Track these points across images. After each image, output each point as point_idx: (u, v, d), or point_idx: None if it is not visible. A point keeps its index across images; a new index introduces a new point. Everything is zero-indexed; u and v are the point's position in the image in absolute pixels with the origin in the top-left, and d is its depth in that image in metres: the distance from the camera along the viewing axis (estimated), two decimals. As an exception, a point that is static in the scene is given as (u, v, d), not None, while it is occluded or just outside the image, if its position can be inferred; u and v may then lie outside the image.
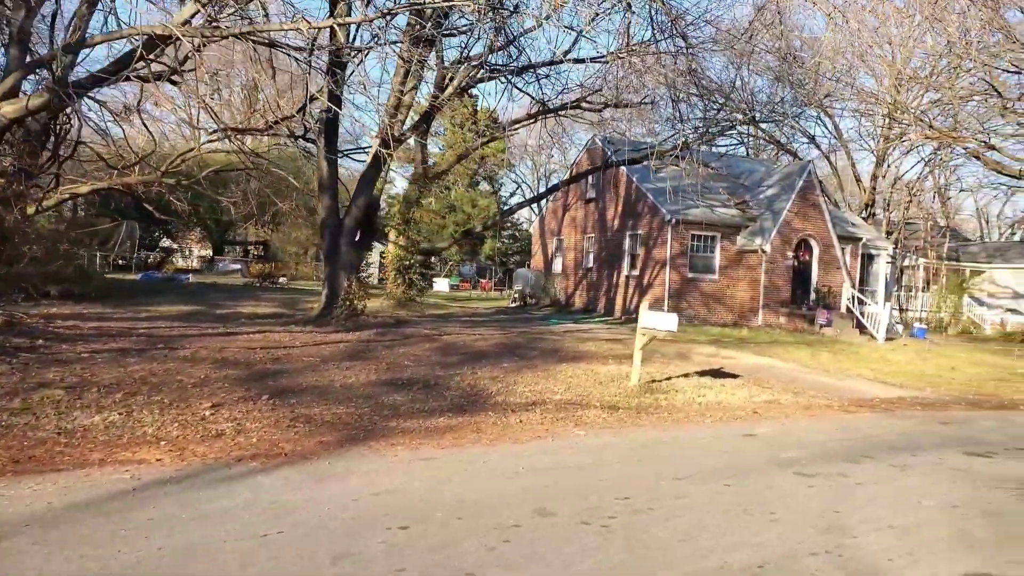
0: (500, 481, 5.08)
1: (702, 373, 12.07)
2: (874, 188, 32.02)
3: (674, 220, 22.35)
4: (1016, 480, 6.09)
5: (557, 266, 29.58)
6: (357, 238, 15.50)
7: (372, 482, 4.84)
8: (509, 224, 49.58)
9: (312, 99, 15.65)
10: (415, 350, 12.09)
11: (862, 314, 21.97)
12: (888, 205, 32.62)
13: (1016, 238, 43.42)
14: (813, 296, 23.12)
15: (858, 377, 13.60)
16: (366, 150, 16.74)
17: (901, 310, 32.34)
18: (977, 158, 26.01)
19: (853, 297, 22.53)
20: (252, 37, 9.30)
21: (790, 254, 22.75)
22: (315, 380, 8.77)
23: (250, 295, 23.19)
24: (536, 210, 36.28)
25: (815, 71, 20.94)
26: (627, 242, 24.84)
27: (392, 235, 22.46)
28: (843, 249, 24.44)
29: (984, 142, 23.85)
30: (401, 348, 12.13)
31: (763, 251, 22.33)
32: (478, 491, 4.80)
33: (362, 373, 9.52)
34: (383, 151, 13.88)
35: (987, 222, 45.05)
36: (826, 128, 33.43)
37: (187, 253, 54.73)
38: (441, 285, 40.84)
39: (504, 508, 4.46)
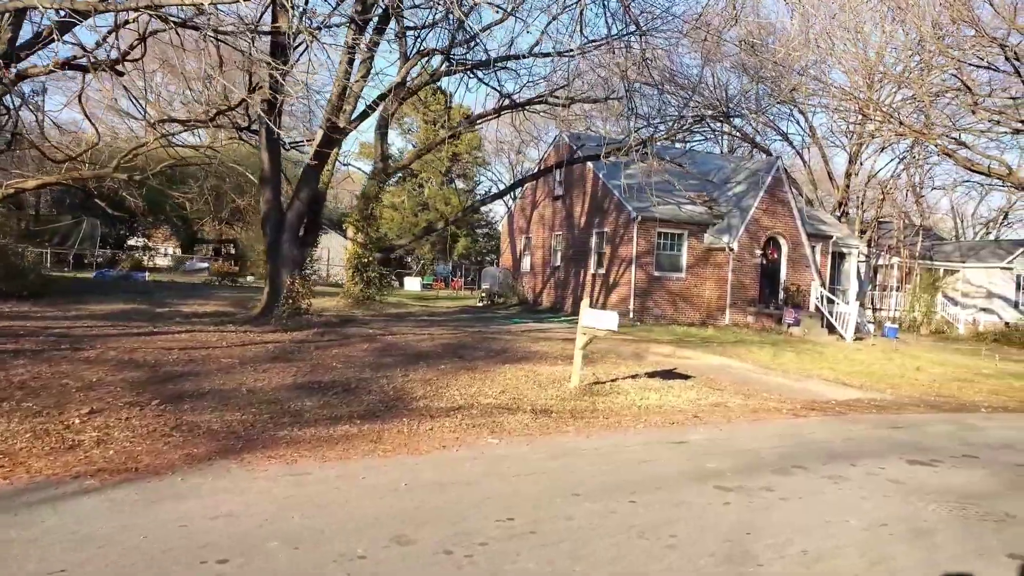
0: (369, 501, 4.48)
1: (653, 374, 11.54)
2: (847, 186, 31.74)
3: (639, 217, 21.87)
4: (956, 493, 5.57)
5: (526, 264, 29.02)
6: (301, 233, 14.82)
7: (215, 504, 4.22)
8: (484, 222, 49.00)
9: (256, 88, 15.01)
10: (350, 351, 11.45)
11: (831, 313, 21.58)
12: (862, 203, 32.35)
13: (991, 237, 43.45)
14: (782, 295, 22.71)
15: (818, 378, 13.13)
16: (311, 142, 16.05)
17: (874, 309, 32.10)
18: (948, 156, 25.74)
19: (822, 296, 22.14)
20: (159, 12, 8.60)
21: (758, 252, 22.33)
22: (223, 383, 8.11)
23: (203, 293, 22.41)
24: (507, 205, 35.68)
25: (779, 61, 20.52)
26: (594, 240, 24.32)
27: (350, 232, 21.76)
28: (813, 247, 24.07)
29: (954, 139, 23.56)
30: (336, 349, 11.48)
31: (730, 249, 21.89)
32: (336, 514, 4.20)
33: (279, 376, 8.88)
34: (320, 145, 13.21)
35: (962, 221, 45.06)
36: (799, 126, 33.08)
37: (155, 252, 53.62)
38: (413, 284, 40.15)
39: (357, 535, 3.85)
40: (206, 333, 12.02)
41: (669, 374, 11.84)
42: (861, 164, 31.56)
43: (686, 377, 11.70)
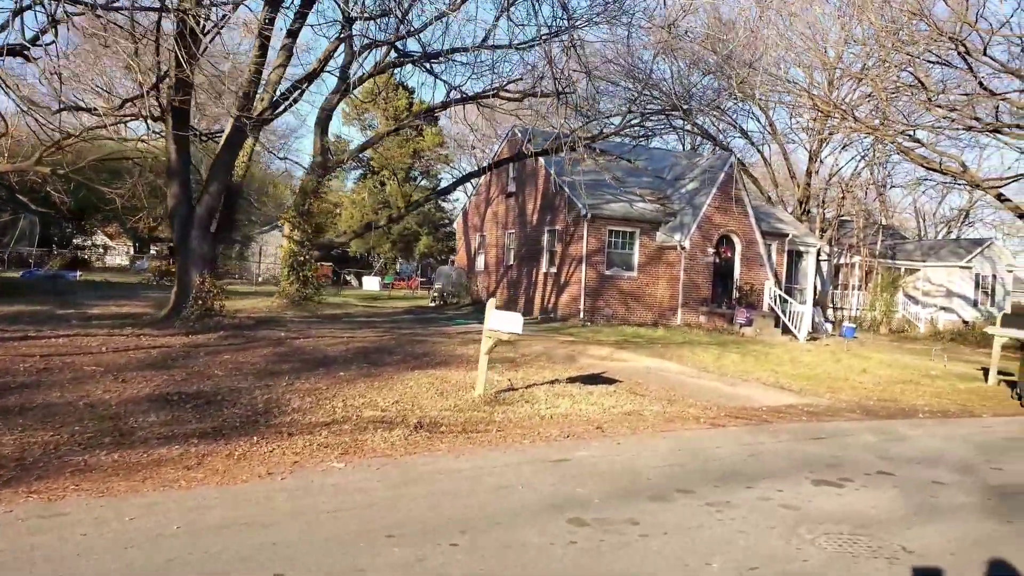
0: (112, 556, 3.61)
1: (577, 379, 10.77)
2: (808, 184, 31.32)
3: (589, 215, 21.14)
4: (854, 521, 4.85)
5: (480, 263, 28.20)
6: (213, 229, 13.85)
7: None
8: (447, 220, 48.09)
9: (163, 77, 14.00)
10: (246, 357, 10.55)
11: (784, 313, 21.03)
12: (823, 202, 31.97)
13: (952, 237, 43.45)
14: (735, 294, 22.12)
15: (756, 381, 12.47)
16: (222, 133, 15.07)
17: (835, 308, 31.74)
18: (904, 153, 25.38)
19: (775, 295, 21.58)
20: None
21: (710, 250, 21.72)
22: (61, 396, 7.18)
23: (131, 294, 21.30)
24: (463, 202, 34.78)
25: (731, 55, 19.92)
26: (545, 238, 23.57)
27: (286, 229, 20.80)
28: (769, 245, 23.53)
29: (909, 136, 23.16)
30: (229, 355, 10.56)
31: (682, 247, 21.25)
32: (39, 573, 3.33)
33: (140, 385, 7.96)
34: (230, 136, 12.27)
35: (924, 220, 45.06)
36: (759, 123, 32.65)
37: (111, 250, 52.03)
38: (371, 283, 39.13)
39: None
40: (92, 337, 11.03)
41: (595, 378, 11.10)
42: (822, 162, 31.18)
43: (612, 382, 10.96)
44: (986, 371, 14.72)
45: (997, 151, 38.56)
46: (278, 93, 14.64)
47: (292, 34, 14.62)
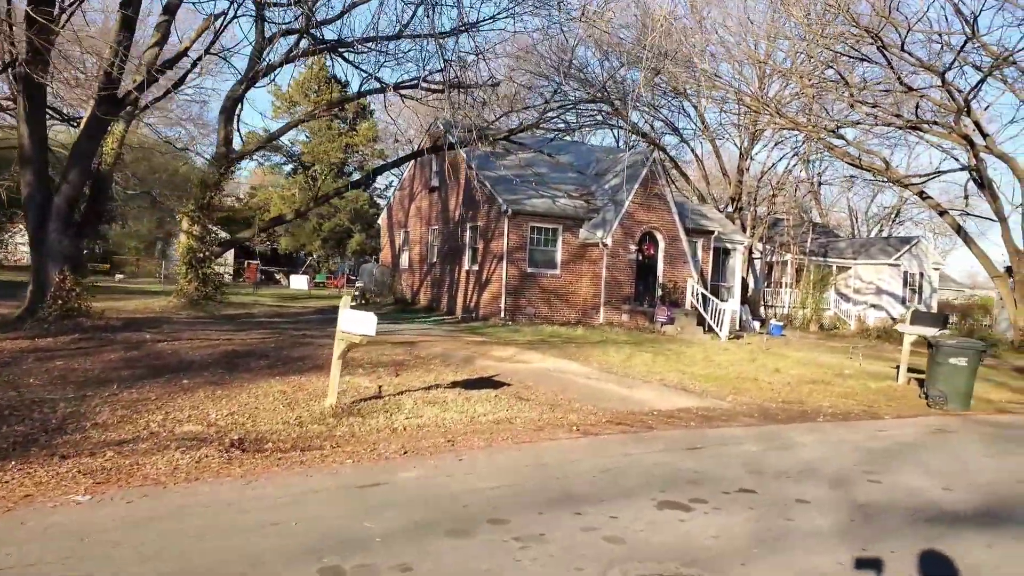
0: None
1: (461, 383, 9.92)
2: (740, 181, 31.18)
3: (510, 211, 20.37)
4: (683, 558, 4.10)
5: (404, 261, 27.19)
6: (76, 221, 12.57)
7: None
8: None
9: (13, 62, 12.63)
10: (84, 363, 9.40)
11: (707, 311, 20.60)
12: (755, 199, 31.87)
13: (884, 235, 44.16)
14: (659, 292, 21.64)
15: (659, 383, 11.84)
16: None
17: (766, 306, 31.70)
18: (829, 149, 25.32)
19: (697, 293, 21.15)
20: None
21: (633, 247, 21.17)
22: None
23: (11, 292, 19.62)
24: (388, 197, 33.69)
25: (652, 45, 19.37)
26: (467, 235, 22.72)
27: (184, 224, 19.44)
28: (694, 243, 23.15)
29: (833, 132, 23.04)
30: (64, 360, 9.40)
31: (604, 244, 20.64)
32: None
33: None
34: (90, 120, 11.05)
35: (856, 219, 45.69)
36: (689, 118, 32.41)
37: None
38: (299, 283, 37.66)
39: None
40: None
41: (484, 382, 10.28)
42: (752, 159, 31.08)
43: (501, 385, 10.16)
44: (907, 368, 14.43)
45: (926, 151, 39.17)
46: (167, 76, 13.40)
47: (169, 10, 13.43)
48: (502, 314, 20.52)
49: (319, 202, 24.05)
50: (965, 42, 17.06)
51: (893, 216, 44.19)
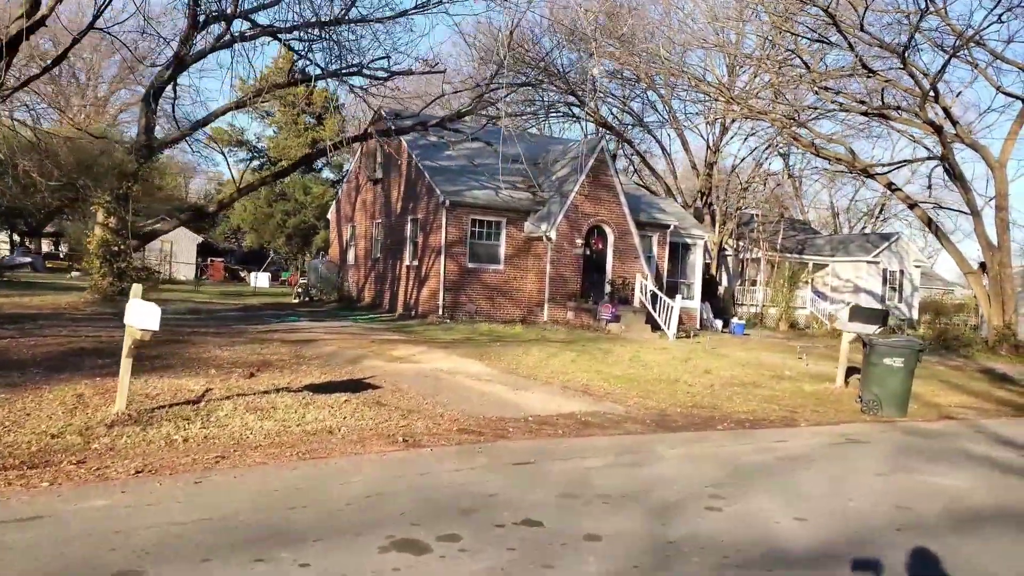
0: None
1: (315, 386, 8.78)
2: (709, 175, 30.02)
3: (448, 203, 19.21)
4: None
5: (351, 256, 26.04)
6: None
7: None
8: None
9: None
10: None
11: (655, 308, 19.44)
12: (726, 193, 30.69)
13: (867, 231, 42.96)
14: (608, 289, 20.48)
15: (560, 385, 10.70)
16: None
17: (736, 304, 30.49)
18: (795, 140, 24.17)
19: (646, 290, 19.98)
20: None
21: (579, 242, 20.00)
22: None
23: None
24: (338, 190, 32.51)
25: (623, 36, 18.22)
26: (408, 228, 21.58)
27: (100, 216, 18.34)
28: (648, 237, 21.99)
29: (792, 118, 21.87)
30: None
31: (548, 238, 19.49)
32: None
33: None
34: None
35: (837, 217, 44.47)
36: (655, 110, 31.27)
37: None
38: (261, 280, 36.52)
39: None
40: None
41: (348, 385, 9.15)
42: (718, 151, 29.88)
43: (366, 388, 9.05)
44: (849, 370, 13.26)
45: (908, 146, 37.93)
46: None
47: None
48: (440, 311, 19.38)
49: (242, 193, 22.89)
50: (921, 16, 15.86)
51: (877, 213, 42.98)
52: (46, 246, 45.18)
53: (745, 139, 30.97)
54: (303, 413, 7.41)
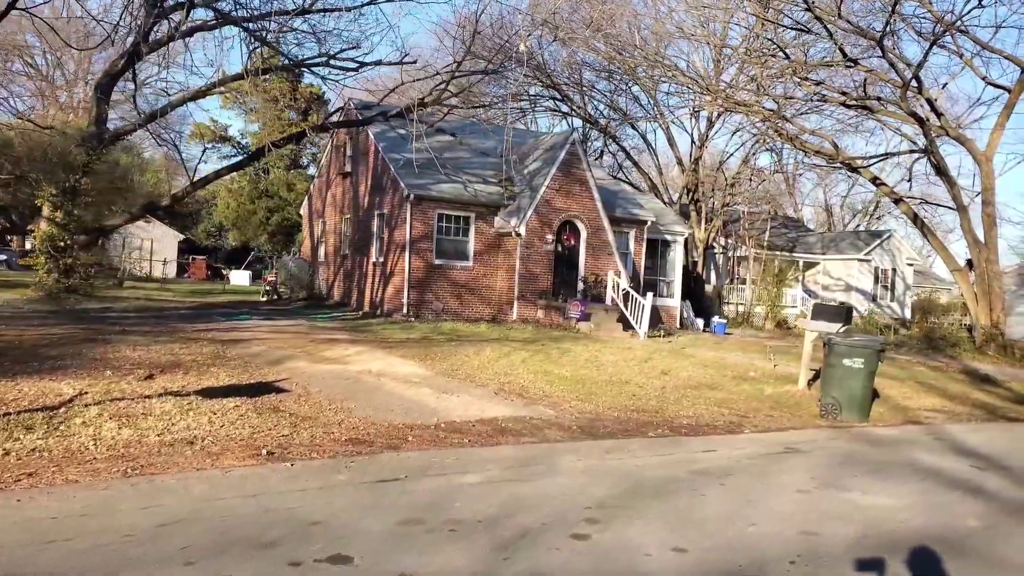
0: None
1: (209, 390, 8.13)
2: (695, 170, 29.20)
3: (413, 196, 18.49)
4: None
5: (322, 253, 25.36)
6: None
7: None
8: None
9: None
10: None
11: (627, 307, 18.68)
12: (712, 189, 29.85)
13: (861, 229, 42.07)
14: (580, 286, 19.74)
15: (493, 389, 9.99)
16: None
17: (723, 303, 29.69)
18: (778, 134, 23.37)
19: (618, 287, 19.22)
20: None
21: (550, 237, 19.25)
22: None
23: None
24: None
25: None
26: (375, 223, 20.86)
27: (46, 210, 17.70)
28: (625, 233, 21.24)
29: (772, 111, 21.08)
30: None
31: (517, 234, 18.75)
32: None
33: None
34: None
35: (831, 214, 43.56)
36: (640, 104, 30.46)
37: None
38: (241, 278, 35.91)
39: None
40: None
41: (249, 388, 8.49)
42: (703, 146, 29.05)
43: (269, 392, 8.38)
44: (817, 372, 12.50)
45: (903, 142, 36.96)
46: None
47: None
48: (404, 309, 18.67)
49: (196, 186, 22.20)
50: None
51: (872, 210, 42.08)
52: (29, 243, 44.65)
53: (732, 134, 30.15)
54: (175, 421, 6.71)
